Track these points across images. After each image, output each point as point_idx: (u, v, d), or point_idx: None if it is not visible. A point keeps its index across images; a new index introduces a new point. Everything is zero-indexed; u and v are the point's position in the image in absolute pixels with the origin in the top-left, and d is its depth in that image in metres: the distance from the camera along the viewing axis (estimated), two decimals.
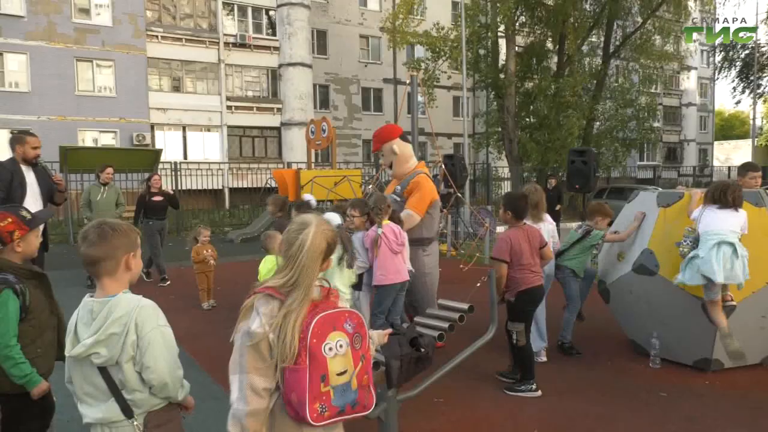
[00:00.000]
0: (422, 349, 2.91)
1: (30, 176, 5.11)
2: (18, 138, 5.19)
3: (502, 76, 23.16)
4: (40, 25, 20.08)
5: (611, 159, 24.76)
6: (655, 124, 30.51)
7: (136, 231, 2.04)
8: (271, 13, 25.20)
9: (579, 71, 23.66)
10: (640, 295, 4.84)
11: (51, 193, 5.28)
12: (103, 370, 1.88)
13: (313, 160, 15.80)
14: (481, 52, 23.83)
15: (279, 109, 25.11)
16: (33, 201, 5.03)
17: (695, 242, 4.19)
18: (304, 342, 1.65)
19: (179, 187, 15.19)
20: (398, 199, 4.90)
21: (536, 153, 22.26)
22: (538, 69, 24.73)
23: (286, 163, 22.58)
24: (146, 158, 15.31)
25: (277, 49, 24.94)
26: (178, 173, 15.64)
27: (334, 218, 4.64)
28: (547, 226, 4.99)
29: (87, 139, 21.03)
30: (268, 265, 4.68)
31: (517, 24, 23.13)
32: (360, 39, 29.38)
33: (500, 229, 11.70)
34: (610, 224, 5.30)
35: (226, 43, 23.96)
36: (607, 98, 25.38)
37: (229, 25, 24.30)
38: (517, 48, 23.67)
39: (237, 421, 1.70)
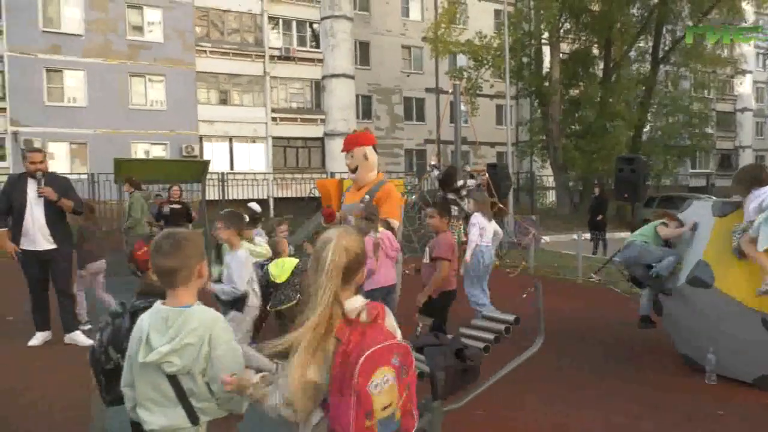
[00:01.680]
0: (468, 361, 2.88)
1: (33, 189, 5.41)
2: (23, 155, 5.72)
3: (546, 83, 22.86)
4: (96, 42, 21.02)
5: (662, 167, 23.99)
6: (709, 131, 29.44)
7: (203, 238, 2.10)
8: (315, 25, 25.64)
9: (626, 78, 23.09)
10: (694, 308, 4.65)
11: (63, 204, 5.48)
12: (171, 378, 1.90)
13: None
14: (525, 59, 23.61)
15: (322, 120, 25.45)
16: (37, 212, 5.38)
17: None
18: (350, 381, 1.61)
19: (226, 197, 15.54)
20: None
21: (581, 161, 21.81)
22: (584, 76, 24.29)
23: (329, 173, 22.83)
24: (195, 169, 15.71)
25: (320, 61, 25.33)
26: (225, 184, 16.02)
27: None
28: (494, 225, 6.04)
29: (139, 151, 21.81)
30: (276, 269, 4.98)
31: (562, 31, 22.81)
32: (402, 49, 29.53)
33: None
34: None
35: (271, 56, 24.49)
36: (657, 105, 24.66)
37: (274, 39, 24.85)
38: (561, 55, 23.34)
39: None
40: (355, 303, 1.74)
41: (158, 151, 22.22)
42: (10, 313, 6.87)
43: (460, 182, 9.16)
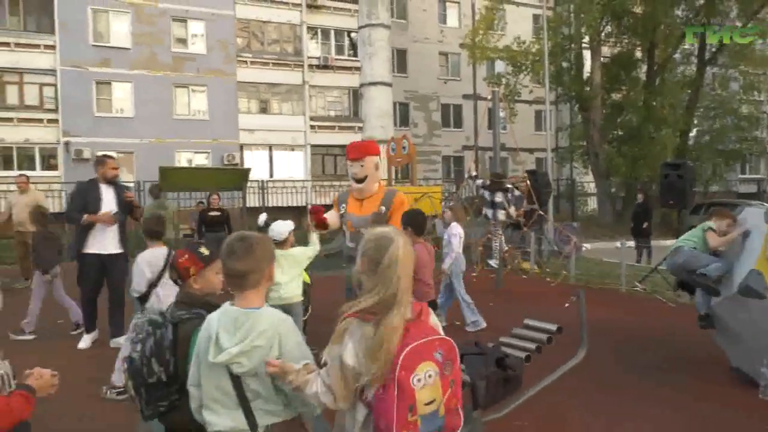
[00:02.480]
0: (510, 370, 2.84)
1: (108, 194, 5.61)
2: (100, 160, 5.79)
3: (587, 88, 22.43)
4: (143, 55, 21.75)
5: (710, 172, 23.19)
6: (759, 134, 28.32)
7: (272, 242, 2.13)
8: (353, 34, 25.90)
9: (671, 81, 22.46)
10: (746, 320, 4.47)
11: (130, 209, 5.75)
12: (235, 380, 1.91)
13: (393, 177, 15.97)
14: (564, 64, 23.24)
15: (360, 128, 25.62)
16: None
17: None
18: (393, 374, 1.64)
19: (265, 204, 15.79)
20: (287, 223, 4.83)
21: (624, 167, 21.28)
22: (626, 80, 23.75)
23: None
24: (236, 177, 16.03)
25: (358, 69, 25.55)
26: (265, 191, 16.29)
27: (285, 226, 4.73)
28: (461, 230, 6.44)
29: (182, 159, 22.41)
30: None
31: (603, 34, 22.37)
32: (439, 56, 29.53)
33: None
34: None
35: (310, 66, 24.84)
36: (704, 108, 23.88)
37: (312, 48, 25.21)
38: (602, 59, 22.88)
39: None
40: None
41: (201, 160, 22.78)
42: (62, 317, 7.12)
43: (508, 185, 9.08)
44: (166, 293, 4.36)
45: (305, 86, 24.78)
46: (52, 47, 20.57)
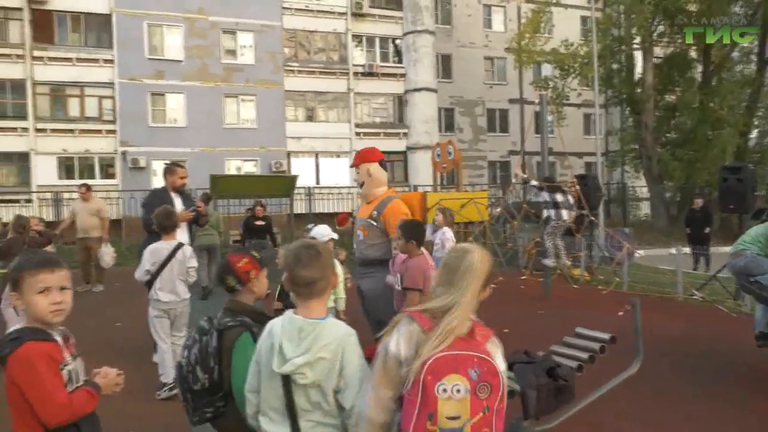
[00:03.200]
0: (561, 380, 2.77)
1: (178, 202, 5.71)
2: (169, 169, 5.88)
3: (638, 90, 21.79)
4: (194, 67, 22.50)
5: None
6: None
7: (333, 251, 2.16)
8: (398, 41, 26.03)
9: (729, 80, 21.54)
10: None
11: (196, 216, 5.87)
12: (287, 391, 1.88)
13: (438, 182, 15.90)
14: (614, 66, 22.65)
15: (405, 134, 25.68)
16: (182, 224, 5.58)
17: None
18: (418, 375, 1.64)
19: (312, 211, 16.00)
20: (374, 223, 4.80)
21: (679, 171, 20.51)
22: (680, 80, 22.92)
23: (412, 186, 22.95)
24: (283, 184, 16.36)
25: (403, 75, 25.64)
26: (312, 198, 16.52)
27: (324, 231, 4.70)
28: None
29: (232, 167, 23.00)
30: None
31: (655, 34, 21.70)
32: (485, 61, 29.30)
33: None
34: None
35: (355, 73, 25.09)
36: (766, 108, 22.77)
37: (357, 56, 25.47)
38: (655, 59, 22.18)
39: (360, 420, 1.81)
40: None
41: (249, 167, 23.32)
42: (121, 319, 7.41)
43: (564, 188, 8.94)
44: (160, 285, 4.61)
45: (350, 94, 25.04)
46: (111, 61, 21.54)
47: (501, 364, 1.78)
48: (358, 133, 25.13)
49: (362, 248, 4.85)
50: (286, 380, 1.88)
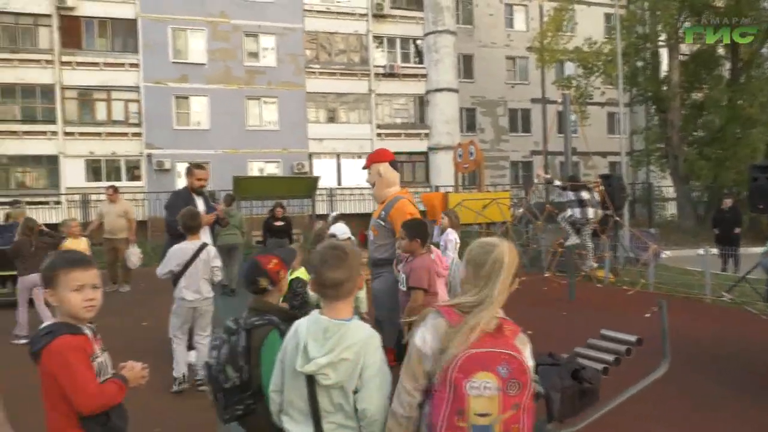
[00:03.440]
0: (586, 383, 2.73)
1: (199, 203, 5.69)
2: (188, 170, 5.88)
3: (664, 88, 21.42)
4: (217, 70, 22.77)
5: None
6: None
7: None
8: (419, 42, 25.99)
9: (759, 77, 21.04)
10: None
11: (218, 218, 5.85)
12: (311, 392, 1.89)
13: (460, 183, 15.84)
14: (639, 64, 22.29)
15: (426, 134, 25.63)
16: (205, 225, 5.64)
17: None
18: (447, 373, 1.64)
19: (334, 212, 16.07)
20: (382, 223, 4.80)
21: (707, 170, 20.09)
22: (708, 78, 22.46)
23: (433, 187, 22.90)
24: (305, 185, 16.48)
25: (424, 76, 25.59)
26: (333, 198, 16.59)
27: (341, 229, 4.67)
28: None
29: (254, 169, 23.21)
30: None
31: (681, 31, 21.30)
32: (506, 60, 29.10)
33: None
34: None
35: (376, 74, 25.13)
36: None
37: (378, 57, 25.50)
38: (681, 57, 21.76)
39: (390, 416, 1.84)
40: None
41: (271, 169, 23.50)
42: (146, 319, 7.53)
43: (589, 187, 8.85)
44: (186, 284, 4.71)
45: (372, 95, 25.08)
46: (136, 65, 21.93)
47: (529, 360, 1.78)
48: (379, 134, 25.15)
49: (372, 249, 4.88)
50: (310, 381, 1.88)
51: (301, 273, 4.68)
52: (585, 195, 8.64)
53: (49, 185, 21.50)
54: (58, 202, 20.32)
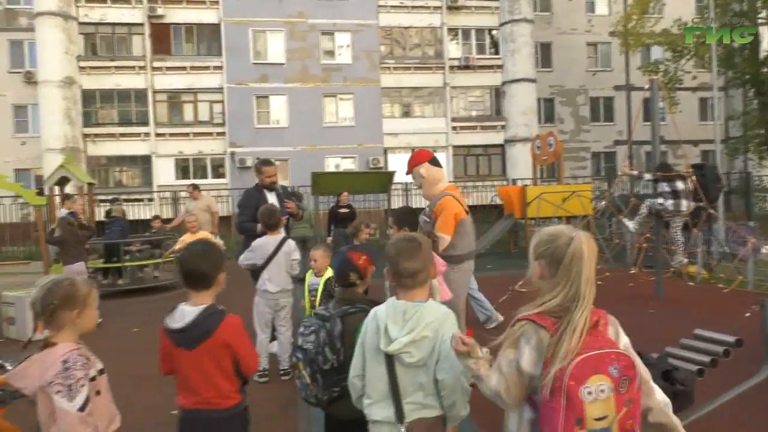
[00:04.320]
0: (679, 384, 2.59)
1: (272, 198, 5.74)
2: (257, 167, 5.93)
3: (764, 69, 19.79)
4: (295, 69, 23.42)
5: None
6: None
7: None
8: (494, 32, 25.50)
9: None
10: None
11: (290, 214, 5.87)
12: (391, 372, 2.01)
13: (538, 175, 15.42)
14: (736, 44, 20.69)
15: (502, 127, 25.14)
16: None
17: None
18: (560, 382, 1.58)
19: (409, 206, 16.12)
20: (428, 220, 4.70)
21: None
22: None
23: (510, 180, 22.44)
24: (381, 180, 16.61)
25: (500, 67, 25.09)
26: (408, 193, 16.65)
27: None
28: None
29: (330, 164, 23.71)
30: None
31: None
32: (587, 47, 27.93)
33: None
34: None
35: (451, 67, 24.91)
36: None
37: (453, 49, 25.25)
38: None
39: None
40: None
41: (347, 164, 23.92)
42: (231, 310, 7.86)
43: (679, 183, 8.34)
44: (269, 277, 4.91)
45: (446, 88, 24.90)
46: (220, 68, 22.98)
47: (624, 338, 1.76)
48: (454, 128, 24.94)
49: None
50: (390, 362, 2.00)
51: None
52: (680, 185, 8.13)
53: (143, 183, 23.01)
54: (150, 199, 21.71)
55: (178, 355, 2.27)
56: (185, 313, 2.28)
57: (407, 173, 5.05)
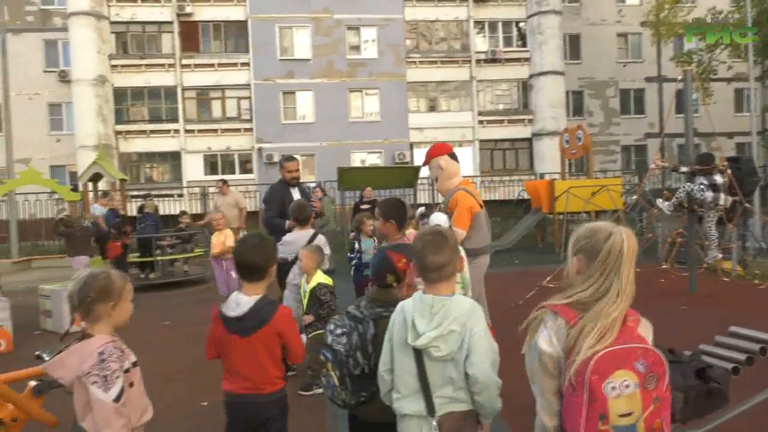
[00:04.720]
0: (713, 383, 2.52)
1: (295, 195, 5.70)
2: (280, 164, 5.92)
3: None
4: (321, 64, 23.50)
5: None
6: None
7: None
8: (521, 24, 25.16)
9: None
10: None
11: (315, 213, 5.81)
12: (419, 367, 2.00)
13: (566, 170, 15.21)
14: None
15: (530, 120, 24.83)
16: None
17: None
18: (582, 376, 1.55)
19: (435, 201, 16.06)
20: (444, 214, 4.68)
21: None
22: None
23: (538, 174, 22.16)
24: (407, 175, 16.60)
25: (527, 59, 24.76)
26: (434, 188, 16.59)
27: (441, 218, 4.45)
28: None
29: (356, 159, 23.76)
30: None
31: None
32: (617, 38, 27.36)
33: None
34: None
35: (477, 60, 24.68)
36: None
37: (479, 43, 25.01)
38: None
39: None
40: None
41: (373, 159, 23.93)
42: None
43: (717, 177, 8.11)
44: (300, 271, 4.89)
45: (473, 81, 24.68)
46: (247, 65, 23.20)
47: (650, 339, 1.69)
48: (481, 122, 24.73)
49: None
50: (419, 356, 1.99)
51: (323, 277, 4.57)
52: (719, 179, 7.94)
53: (173, 179, 23.41)
54: (180, 195, 22.08)
55: (231, 342, 2.39)
56: (241, 302, 2.40)
57: (424, 164, 5.04)
